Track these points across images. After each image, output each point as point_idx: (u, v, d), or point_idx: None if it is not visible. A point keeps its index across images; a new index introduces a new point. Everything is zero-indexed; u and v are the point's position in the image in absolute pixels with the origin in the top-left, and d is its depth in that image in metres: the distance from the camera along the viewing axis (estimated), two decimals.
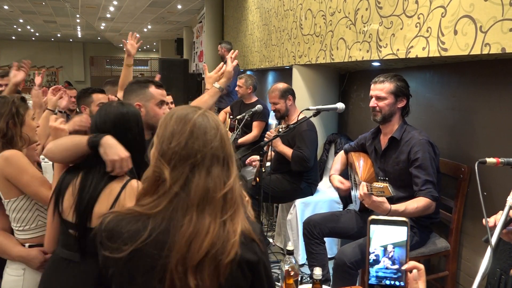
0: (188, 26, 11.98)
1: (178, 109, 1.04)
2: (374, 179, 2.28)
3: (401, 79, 2.16)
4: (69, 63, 19.07)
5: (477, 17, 1.68)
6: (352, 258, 2.09)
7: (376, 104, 2.16)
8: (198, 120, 0.99)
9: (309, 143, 2.95)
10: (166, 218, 0.95)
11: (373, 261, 0.93)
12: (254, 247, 0.98)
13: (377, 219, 0.94)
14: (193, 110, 1.03)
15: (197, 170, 0.96)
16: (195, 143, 0.97)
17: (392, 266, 0.92)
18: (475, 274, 0.93)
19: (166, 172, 0.96)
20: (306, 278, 2.82)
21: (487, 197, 2.04)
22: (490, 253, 0.96)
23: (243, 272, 0.96)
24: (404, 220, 0.92)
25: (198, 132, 0.98)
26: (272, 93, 3.11)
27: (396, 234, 0.93)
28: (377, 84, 2.16)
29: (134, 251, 0.93)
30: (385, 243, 0.93)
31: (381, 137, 2.30)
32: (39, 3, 9.97)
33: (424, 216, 2.11)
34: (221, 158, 0.99)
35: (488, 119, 2.09)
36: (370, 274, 0.93)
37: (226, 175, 0.99)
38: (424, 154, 2.03)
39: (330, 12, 3.07)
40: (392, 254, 0.92)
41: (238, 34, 6.47)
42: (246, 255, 0.96)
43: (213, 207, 0.96)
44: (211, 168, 0.97)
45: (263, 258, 1.00)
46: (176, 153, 0.96)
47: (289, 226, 3.13)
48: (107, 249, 0.95)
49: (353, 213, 2.43)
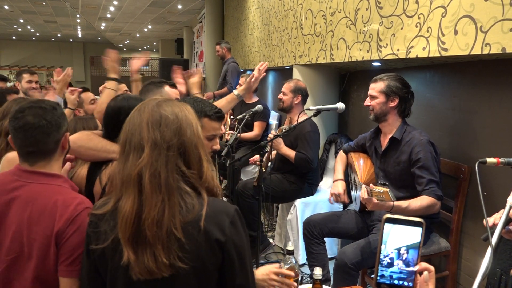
0: (189, 26, 11.99)
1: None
2: (374, 180, 2.28)
3: (396, 79, 2.16)
4: (69, 63, 19.06)
5: (478, 17, 1.68)
6: (353, 259, 2.09)
7: (370, 103, 2.21)
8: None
9: (312, 145, 2.95)
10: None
11: (387, 264, 0.91)
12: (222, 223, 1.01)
13: (392, 218, 0.91)
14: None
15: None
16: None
17: (406, 268, 0.91)
18: (475, 274, 0.93)
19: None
20: (306, 278, 2.82)
21: (487, 197, 2.04)
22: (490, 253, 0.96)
23: (212, 247, 0.99)
24: (420, 221, 0.90)
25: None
26: (288, 83, 3.13)
27: (410, 235, 0.90)
28: (371, 84, 2.22)
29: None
30: (399, 245, 0.90)
31: (381, 137, 2.30)
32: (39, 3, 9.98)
33: (425, 216, 2.10)
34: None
35: (488, 119, 2.09)
36: (380, 273, 0.92)
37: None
38: (426, 154, 2.03)
39: (330, 12, 3.07)
40: (405, 256, 0.91)
41: (238, 34, 6.47)
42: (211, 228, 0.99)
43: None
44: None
45: (235, 238, 1.01)
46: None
47: (289, 226, 3.13)
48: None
49: (353, 213, 2.43)
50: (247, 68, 5.99)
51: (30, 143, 1.26)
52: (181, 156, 1.00)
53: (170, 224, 0.95)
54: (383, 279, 0.92)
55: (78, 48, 19.70)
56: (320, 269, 1.49)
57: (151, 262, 0.95)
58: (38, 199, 1.24)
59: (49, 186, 1.27)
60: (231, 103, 2.22)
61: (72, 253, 1.20)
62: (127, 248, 0.96)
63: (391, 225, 0.91)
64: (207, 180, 1.04)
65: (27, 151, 1.27)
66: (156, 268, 0.95)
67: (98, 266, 1.05)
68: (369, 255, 2.09)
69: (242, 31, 6.26)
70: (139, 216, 0.96)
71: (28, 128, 1.24)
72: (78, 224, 1.21)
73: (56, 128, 1.30)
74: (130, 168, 0.98)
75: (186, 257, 0.96)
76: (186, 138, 1.02)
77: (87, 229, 1.06)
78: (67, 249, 1.20)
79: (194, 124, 1.05)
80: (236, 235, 1.02)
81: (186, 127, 1.02)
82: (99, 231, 1.02)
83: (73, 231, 1.21)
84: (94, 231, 1.03)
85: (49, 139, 1.28)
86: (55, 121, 1.29)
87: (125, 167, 0.99)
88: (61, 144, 1.33)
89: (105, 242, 1.00)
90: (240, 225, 1.04)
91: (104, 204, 1.04)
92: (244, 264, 1.04)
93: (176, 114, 1.02)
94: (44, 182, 1.27)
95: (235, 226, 1.02)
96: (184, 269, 0.96)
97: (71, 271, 1.21)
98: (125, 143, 1.01)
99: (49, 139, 1.28)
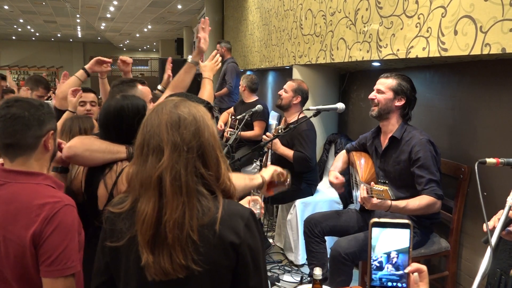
0: (188, 26, 11.99)
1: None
2: (374, 179, 2.28)
3: (406, 79, 2.16)
4: (69, 63, 19.07)
5: (477, 17, 1.68)
6: (346, 249, 2.10)
7: (375, 97, 2.19)
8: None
9: (310, 143, 2.95)
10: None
11: (376, 268, 0.91)
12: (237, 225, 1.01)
13: (379, 221, 0.91)
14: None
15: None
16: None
17: (396, 271, 0.91)
18: (475, 274, 0.93)
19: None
20: (306, 278, 2.82)
21: (487, 197, 2.04)
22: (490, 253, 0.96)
23: (226, 251, 0.98)
24: (407, 223, 0.90)
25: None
26: (292, 82, 3.13)
27: (399, 238, 0.90)
28: (382, 79, 2.20)
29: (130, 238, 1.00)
30: (388, 250, 0.90)
31: (382, 137, 2.30)
32: (39, 3, 9.98)
33: (425, 217, 2.11)
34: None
35: (488, 119, 2.09)
36: (372, 277, 0.92)
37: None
38: (426, 153, 2.03)
39: (330, 12, 3.07)
40: (395, 260, 0.91)
41: (238, 34, 6.47)
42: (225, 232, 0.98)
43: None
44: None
45: (250, 241, 1.01)
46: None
47: (289, 226, 3.13)
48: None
49: (354, 212, 2.43)
50: (247, 68, 5.99)
51: (8, 134, 1.22)
52: (200, 157, 1.00)
53: (188, 226, 0.96)
54: (375, 282, 0.92)
55: (78, 48, 19.70)
56: (320, 269, 1.49)
57: (167, 263, 0.95)
58: (15, 198, 1.20)
59: (27, 185, 1.23)
60: (189, 72, 2.12)
61: (52, 253, 1.17)
62: (145, 249, 0.96)
63: (379, 229, 0.91)
64: (224, 181, 1.04)
65: (5, 143, 1.23)
66: (172, 269, 0.95)
67: (110, 264, 1.05)
68: (364, 248, 2.09)
69: (242, 31, 6.26)
70: (159, 218, 0.96)
71: (9, 118, 1.22)
72: (56, 223, 1.17)
73: (38, 123, 1.26)
74: (150, 171, 0.98)
75: (201, 259, 0.96)
76: (204, 139, 1.01)
77: (104, 225, 1.05)
78: (46, 249, 1.17)
79: (210, 124, 1.04)
80: (251, 238, 1.02)
81: (204, 128, 1.02)
82: (115, 229, 1.02)
83: (51, 230, 1.17)
84: (110, 228, 1.03)
85: (29, 132, 1.24)
86: (39, 116, 1.26)
87: (144, 169, 0.99)
88: (43, 143, 1.28)
89: (120, 241, 1.00)
90: (255, 228, 1.04)
91: (121, 202, 1.04)
92: (258, 266, 1.04)
93: (193, 115, 1.02)
94: (22, 181, 1.23)
95: (250, 229, 1.02)
96: (199, 271, 0.96)
97: (52, 271, 1.17)
98: (143, 145, 1.00)
99: (29, 132, 1.24)
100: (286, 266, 3.09)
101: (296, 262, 3.06)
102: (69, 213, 1.22)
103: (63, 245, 1.17)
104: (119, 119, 1.52)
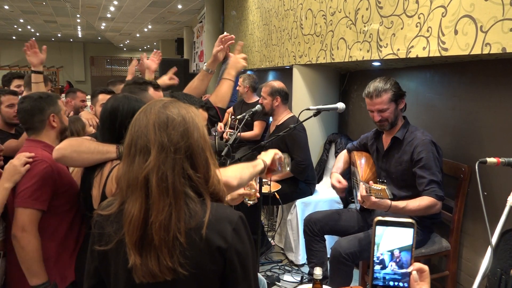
0: (189, 26, 11.99)
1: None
2: (374, 178, 2.28)
3: (392, 83, 2.14)
4: (69, 63, 19.07)
5: (478, 17, 1.68)
6: (347, 249, 2.10)
7: (381, 117, 2.15)
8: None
9: (300, 144, 2.94)
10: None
11: (381, 266, 0.91)
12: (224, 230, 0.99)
13: (383, 220, 0.91)
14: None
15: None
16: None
17: (399, 270, 0.91)
18: (475, 274, 0.93)
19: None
20: (306, 278, 2.82)
21: (487, 197, 2.04)
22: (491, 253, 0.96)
23: (212, 255, 0.97)
24: (411, 222, 0.90)
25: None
26: (264, 87, 3.14)
27: (402, 237, 0.90)
28: (374, 99, 2.14)
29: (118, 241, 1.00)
30: (392, 248, 0.91)
31: (384, 137, 2.30)
32: (39, 3, 9.98)
33: (426, 217, 2.11)
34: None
35: (488, 119, 2.09)
36: (375, 275, 0.92)
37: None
38: (428, 154, 2.03)
39: (330, 12, 3.07)
40: (399, 259, 0.91)
41: (239, 34, 6.47)
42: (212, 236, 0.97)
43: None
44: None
45: (238, 246, 1.00)
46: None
47: (289, 226, 3.13)
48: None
49: (354, 211, 2.44)
50: (247, 68, 5.99)
51: (23, 122, 1.83)
52: (188, 159, 0.98)
53: (175, 228, 0.95)
54: (377, 281, 0.92)
55: (78, 48, 19.68)
56: (320, 269, 1.49)
57: (154, 265, 0.94)
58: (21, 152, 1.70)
59: (28, 147, 1.75)
60: (204, 80, 2.16)
61: (26, 186, 1.62)
62: (133, 251, 0.95)
63: (383, 228, 0.91)
64: (214, 184, 1.02)
65: (24, 127, 1.86)
66: (159, 271, 0.94)
67: (99, 267, 1.05)
68: (365, 247, 2.09)
69: (242, 31, 6.26)
70: (146, 220, 0.95)
71: (19, 111, 1.83)
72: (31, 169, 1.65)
73: (39, 111, 1.79)
74: (137, 171, 0.97)
75: (187, 263, 0.95)
76: (193, 140, 0.99)
77: (92, 229, 1.05)
78: (19, 184, 1.63)
79: (200, 126, 1.03)
80: (239, 243, 1.00)
81: (193, 130, 1.00)
82: (103, 233, 1.01)
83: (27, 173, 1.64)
84: (99, 232, 1.03)
85: (34, 119, 1.79)
86: (37, 106, 1.79)
87: (131, 170, 0.98)
88: (48, 122, 1.81)
89: (108, 244, 1.00)
90: (244, 233, 1.02)
91: (109, 205, 1.04)
92: (247, 272, 1.02)
93: (183, 116, 1.00)
94: (28, 145, 1.78)
95: (238, 233, 1.00)
96: (185, 275, 0.96)
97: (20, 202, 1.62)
98: (131, 145, 0.99)
99: (34, 118, 1.79)
100: (286, 266, 3.09)
101: (296, 262, 3.07)
102: (40, 165, 1.67)
103: (30, 183, 1.63)
104: (113, 118, 1.53)
